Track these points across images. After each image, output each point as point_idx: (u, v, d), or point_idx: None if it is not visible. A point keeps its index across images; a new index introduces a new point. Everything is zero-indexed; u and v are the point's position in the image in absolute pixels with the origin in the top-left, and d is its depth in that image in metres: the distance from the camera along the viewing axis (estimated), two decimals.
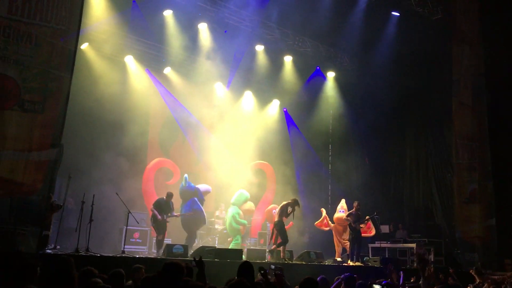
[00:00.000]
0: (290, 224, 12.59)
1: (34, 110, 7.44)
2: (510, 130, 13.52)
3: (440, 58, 14.34)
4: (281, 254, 11.04)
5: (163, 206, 11.18)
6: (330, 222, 13.30)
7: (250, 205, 13.48)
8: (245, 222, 13.24)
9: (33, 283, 4.15)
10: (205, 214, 12.49)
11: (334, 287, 6.12)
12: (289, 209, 11.56)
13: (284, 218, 11.53)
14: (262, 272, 4.92)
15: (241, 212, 13.29)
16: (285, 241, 11.24)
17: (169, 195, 11.35)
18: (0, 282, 3.89)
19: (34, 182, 7.34)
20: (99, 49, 13.28)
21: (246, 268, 4.81)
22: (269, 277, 5.50)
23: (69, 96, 7.97)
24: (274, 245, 11.36)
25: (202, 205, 12.52)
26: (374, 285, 4.52)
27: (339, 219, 12.96)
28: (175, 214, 11.55)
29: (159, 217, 10.93)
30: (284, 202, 11.73)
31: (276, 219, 11.60)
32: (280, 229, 11.32)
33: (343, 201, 13.42)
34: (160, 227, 11.02)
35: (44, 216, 7.63)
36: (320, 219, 13.38)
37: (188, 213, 12.09)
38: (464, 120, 13.08)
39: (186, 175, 12.78)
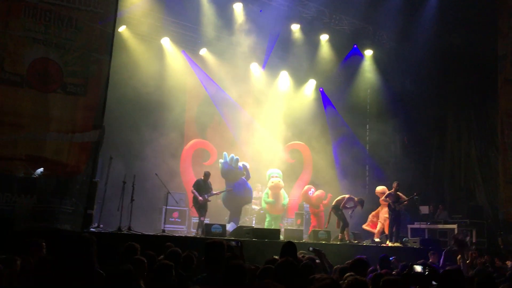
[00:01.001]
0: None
1: (77, 93, 7.63)
2: None
3: (485, 33, 13.70)
4: (346, 236, 11.58)
5: (202, 186, 11.26)
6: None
7: (275, 181, 13.23)
8: (272, 201, 13.05)
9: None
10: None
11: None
12: (352, 204, 11.85)
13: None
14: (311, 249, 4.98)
15: (269, 192, 13.19)
16: (346, 224, 11.69)
17: (207, 175, 11.39)
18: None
19: (78, 162, 7.56)
20: (136, 31, 13.42)
21: (290, 248, 4.83)
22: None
23: (109, 79, 8.13)
24: (340, 234, 11.68)
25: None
26: (415, 266, 4.42)
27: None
28: (214, 192, 11.56)
29: (200, 198, 11.01)
30: (350, 196, 11.99)
31: (334, 206, 11.88)
32: (339, 215, 11.74)
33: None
34: (202, 208, 11.09)
35: (88, 196, 7.84)
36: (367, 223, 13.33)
37: (228, 189, 12.19)
38: (510, 98, 12.55)
39: (232, 155, 12.77)
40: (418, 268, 4.66)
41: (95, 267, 3.80)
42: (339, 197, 12.09)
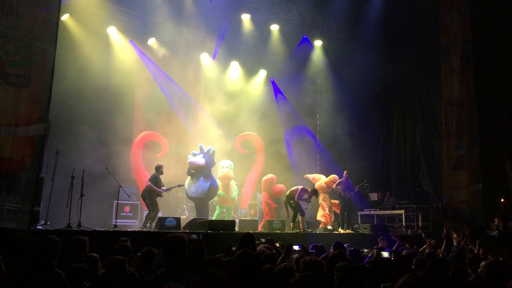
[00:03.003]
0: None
1: (20, 84, 7.23)
2: (496, 96, 13.61)
3: (428, 24, 14.23)
4: (301, 225, 11.68)
5: (158, 180, 11.10)
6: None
7: (224, 171, 13.10)
8: (222, 193, 12.90)
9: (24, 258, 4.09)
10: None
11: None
12: (306, 196, 11.84)
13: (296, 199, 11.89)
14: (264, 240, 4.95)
15: (220, 183, 12.97)
16: (302, 213, 11.79)
17: (159, 169, 11.22)
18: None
19: (23, 157, 7.20)
20: (81, 20, 12.88)
21: (248, 239, 4.83)
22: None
23: (54, 70, 7.76)
24: (292, 223, 11.74)
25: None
26: (382, 252, 4.54)
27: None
28: (172, 187, 11.59)
29: (160, 191, 10.89)
30: (303, 187, 12.02)
31: (288, 197, 11.96)
32: (293, 206, 11.83)
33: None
34: (155, 203, 10.89)
35: (35, 192, 7.48)
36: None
37: (180, 184, 12.10)
38: (453, 87, 13.14)
39: (210, 147, 12.70)
40: (385, 254, 4.80)
41: (53, 268, 3.73)
42: (292, 188, 12.17)
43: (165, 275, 3.42)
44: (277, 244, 7.08)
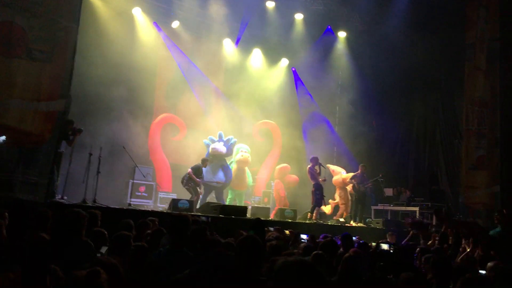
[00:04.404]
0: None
1: (42, 60, 7.37)
2: None
3: (454, 21, 13.94)
4: (314, 216, 11.68)
5: (200, 171, 11.79)
6: None
7: (245, 155, 13.31)
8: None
9: (45, 231, 4.20)
10: None
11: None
12: (316, 168, 11.85)
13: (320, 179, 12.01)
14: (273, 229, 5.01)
15: (235, 166, 13.33)
16: (319, 203, 11.85)
17: (204, 161, 11.91)
18: (13, 230, 3.97)
19: (43, 132, 7.36)
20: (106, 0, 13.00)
21: (258, 225, 4.90)
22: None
23: (76, 47, 7.88)
24: (309, 213, 11.82)
25: None
26: (382, 244, 4.56)
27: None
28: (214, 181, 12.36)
29: (198, 180, 11.59)
30: (308, 166, 12.04)
31: (313, 183, 11.98)
32: (316, 192, 11.85)
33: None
34: (195, 189, 11.57)
35: (52, 166, 7.65)
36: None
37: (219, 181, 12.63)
38: (476, 86, 12.87)
39: (231, 136, 13.15)
40: (385, 246, 4.81)
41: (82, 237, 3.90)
42: (309, 176, 12.19)
43: (168, 252, 3.50)
44: (287, 232, 7.15)
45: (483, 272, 4.39)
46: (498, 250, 5.56)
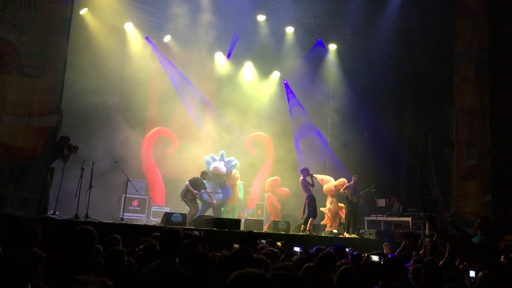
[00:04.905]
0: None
1: (34, 75, 7.39)
2: (510, 106, 13.46)
3: (443, 33, 14.14)
4: (308, 227, 11.61)
5: (198, 184, 11.68)
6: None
7: (233, 173, 13.42)
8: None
9: (35, 247, 4.18)
10: None
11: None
12: (308, 179, 11.91)
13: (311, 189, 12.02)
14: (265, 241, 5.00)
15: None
16: (314, 214, 11.78)
17: (204, 175, 11.88)
18: (3, 246, 3.93)
19: (35, 147, 7.35)
20: (99, 15, 13.08)
21: (251, 237, 4.91)
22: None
23: (66, 62, 7.92)
24: (303, 225, 11.76)
25: None
26: (372, 256, 4.57)
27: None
28: (210, 191, 12.18)
29: (195, 192, 11.49)
30: (300, 178, 12.04)
31: (306, 195, 11.94)
32: (309, 203, 11.80)
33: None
34: (194, 201, 11.54)
35: (44, 182, 7.63)
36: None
37: (218, 191, 12.66)
38: (465, 96, 13.01)
39: (232, 158, 13.20)
40: (375, 258, 4.83)
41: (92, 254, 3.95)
42: (301, 187, 12.20)
43: (160, 267, 3.50)
44: (279, 244, 7.15)
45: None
46: (482, 258, 5.61)
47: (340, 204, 13.00)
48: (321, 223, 13.11)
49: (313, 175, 12.68)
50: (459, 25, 13.16)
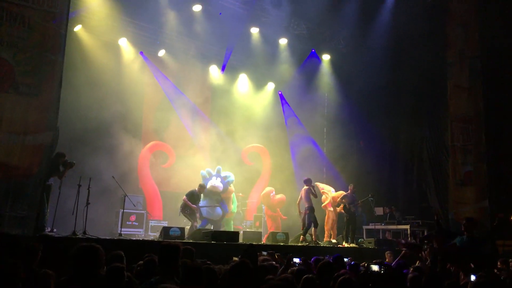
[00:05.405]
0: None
1: (29, 93, 7.41)
2: (504, 112, 13.57)
3: (435, 41, 14.30)
4: (313, 237, 11.70)
5: (196, 197, 11.65)
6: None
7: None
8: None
9: (34, 265, 4.17)
10: None
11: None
12: (312, 189, 11.95)
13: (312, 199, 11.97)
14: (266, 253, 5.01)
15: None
16: (315, 224, 11.74)
17: (201, 188, 11.85)
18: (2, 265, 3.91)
19: (31, 165, 7.34)
20: (93, 31, 13.15)
21: (251, 250, 4.91)
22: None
23: (62, 79, 7.95)
24: (302, 236, 11.72)
25: None
26: (372, 265, 4.58)
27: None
28: (209, 205, 12.34)
29: (194, 206, 11.48)
30: (304, 188, 11.96)
31: (306, 205, 11.87)
32: (311, 214, 11.75)
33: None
34: (192, 215, 11.50)
35: (41, 199, 7.62)
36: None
37: (216, 205, 12.60)
38: (459, 103, 13.12)
39: (230, 173, 13.13)
40: (375, 267, 4.83)
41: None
42: (303, 198, 12.14)
43: (159, 282, 3.50)
44: (275, 255, 7.13)
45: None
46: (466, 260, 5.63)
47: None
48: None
49: (316, 183, 12.73)
50: (450, 33, 13.32)
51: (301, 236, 11.75)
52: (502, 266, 6.80)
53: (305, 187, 11.97)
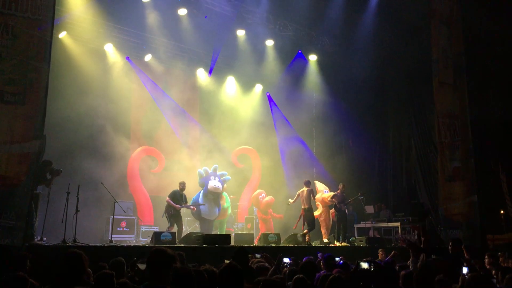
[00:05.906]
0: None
1: (15, 102, 7.33)
2: (489, 107, 13.73)
3: (419, 39, 14.44)
4: (307, 238, 11.67)
5: (178, 197, 11.41)
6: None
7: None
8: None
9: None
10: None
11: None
12: (312, 192, 12.13)
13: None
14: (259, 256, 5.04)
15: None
16: (312, 227, 11.81)
17: (183, 185, 11.57)
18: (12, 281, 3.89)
19: (18, 174, 7.26)
20: (78, 37, 13.08)
21: (241, 253, 4.92)
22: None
23: (48, 87, 7.89)
24: (305, 232, 11.80)
25: None
26: (362, 263, 4.60)
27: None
28: (191, 206, 12.00)
29: (178, 206, 11.21)
30: (305, 189, 12.06)
31: (305, 207, 11.95)
32: (309, 216, 11.84)
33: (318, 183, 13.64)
34: (173, 217, 11.22)
35: (30, 208, 7.55)
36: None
37: (202, 203, 12.38)
38: (445, 99, 13.21)
39: (224, 172, 13.02)
40: (365, 265, 4.85)
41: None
42: (304, 199, 12.17)
43: None
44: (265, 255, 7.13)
45: None
46: None
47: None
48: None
49: (315, 181, 12.83)
50: (434, 30, 13.41)
51: (307, 235, 11.77)
52: (490, 260, 6.87)
53: (306, 188, 12.06)
